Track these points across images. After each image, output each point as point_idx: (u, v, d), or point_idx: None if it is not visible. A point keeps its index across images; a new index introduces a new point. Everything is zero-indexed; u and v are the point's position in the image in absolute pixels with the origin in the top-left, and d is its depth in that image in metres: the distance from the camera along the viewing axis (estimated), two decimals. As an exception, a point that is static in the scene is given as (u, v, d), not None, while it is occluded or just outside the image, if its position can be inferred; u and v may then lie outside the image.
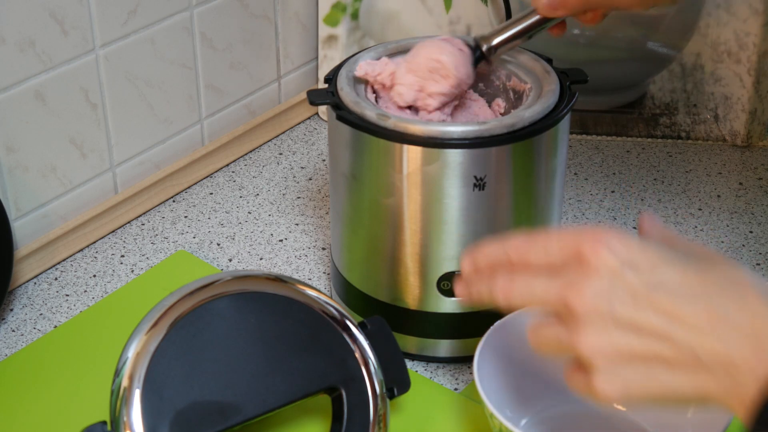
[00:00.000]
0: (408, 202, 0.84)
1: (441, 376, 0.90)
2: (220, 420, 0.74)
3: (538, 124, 0.82)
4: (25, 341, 0.94)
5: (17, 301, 0.99)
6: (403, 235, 0.85)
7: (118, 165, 1.09)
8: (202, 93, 1.16)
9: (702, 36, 1.20)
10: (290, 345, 0.78)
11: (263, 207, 1.13)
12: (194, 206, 1.13)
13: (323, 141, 1.25)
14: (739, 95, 1.21)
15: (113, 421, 0.73)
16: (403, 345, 0.89)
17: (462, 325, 0.89)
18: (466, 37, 0.88)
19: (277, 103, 1.27)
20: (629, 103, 1.25)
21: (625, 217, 1.11)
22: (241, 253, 1.05)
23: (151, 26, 1.06)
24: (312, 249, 1.06)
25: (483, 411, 0.85)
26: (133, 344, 0.75)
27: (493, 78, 0.92)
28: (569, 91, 0.86)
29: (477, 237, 0.85)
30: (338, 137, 0.86)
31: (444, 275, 0.86)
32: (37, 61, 0.96)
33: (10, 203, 0.98)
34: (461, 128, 0.81)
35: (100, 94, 1.04)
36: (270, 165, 1.21)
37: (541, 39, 0.88)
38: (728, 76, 1.21)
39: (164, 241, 1.07)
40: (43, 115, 0.99)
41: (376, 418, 0.79)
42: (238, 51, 1.18)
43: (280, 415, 0.82)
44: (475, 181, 0.82)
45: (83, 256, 1.05)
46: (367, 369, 0.80)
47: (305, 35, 1.27)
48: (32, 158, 0.99)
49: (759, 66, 1.19)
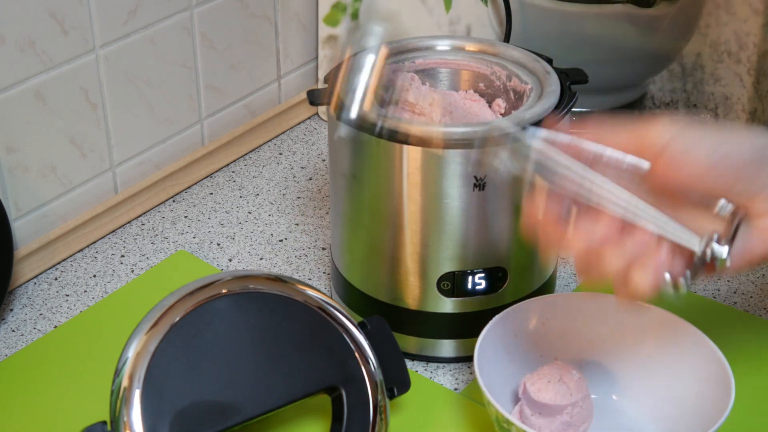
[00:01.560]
0: (408, 202, 0.84)
1: (441, 376, 0.90)
2: (220, 420, 0.74)
3: (539, 124, 0.82)
4: (25, 341, 0.94)
5: (17, 301, 0.99)
6: (403, 235, 0.85)
7: (118, 165, 1.08)
8: (202, 93, 1.16)
9: (702, 36, 1.20)
10: (290, 345, 0.78)
11: (263, 207, 1.13)
12: (194, 206, 1.13)
13: (323, 141, 1.25)
14: (739, 95, 1.21)
15: (113, 421, 0.73)
16: (403, 345, 0.89)
17: (462, 325, 0.89)
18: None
19: (277, 103, 1.27)
20: (629, 103, 1.25)
21: (625, 217, 1.11)
22: (241, 253, 1.05)
23: (151, 26, 1.06)
24: (312, 249, 1.06)
25: (483, 411, 0.85)
26: (133, 344, 0.75)
27: (493, 78, 0.92)
28: (569, 91, 0.86)
29: (477, 237, 0.85)
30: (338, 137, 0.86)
31: (444, 275, 0.86)
32: (37, 61, 0.96)
33: (10, 203, 0.98)
34: (461, 129, 0.81)
35: (100, 94, 1.04)
36: (270, 165, 1.21)
37: (541, 39, 0.88)
38: (728, 76, 1.21)
39: (164, 241, 1.07)
40: (43, 115, 0.99)
41: (376, 418, 0.79)
42: (238, 51, 1.18)
43: (280, 415, 0.82)
44: (475, 181, 0.82)
45: (83, 256, 1.05)
46: (367, 369, 0.80)
47: (305, 35, 1.27)
48: (32, 158, 0.99)
49: (759, 66, 1.19)
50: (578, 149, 0.66)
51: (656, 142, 0.63)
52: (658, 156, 0.64)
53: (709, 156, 0.62)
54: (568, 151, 0.66)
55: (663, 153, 0.63)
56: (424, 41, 0.94)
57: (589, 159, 0.66)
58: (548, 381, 0.80)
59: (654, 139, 0.63)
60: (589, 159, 0.66)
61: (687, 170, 0.63)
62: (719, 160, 0.62)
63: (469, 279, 0.86)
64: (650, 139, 0.64)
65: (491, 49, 0.93)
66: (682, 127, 0.63)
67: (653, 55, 1.22)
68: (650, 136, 0.64)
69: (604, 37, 1.21)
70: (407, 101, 0.87)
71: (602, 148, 0.65)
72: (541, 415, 0.79)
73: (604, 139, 0.65)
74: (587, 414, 0.81)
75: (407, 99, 0.87)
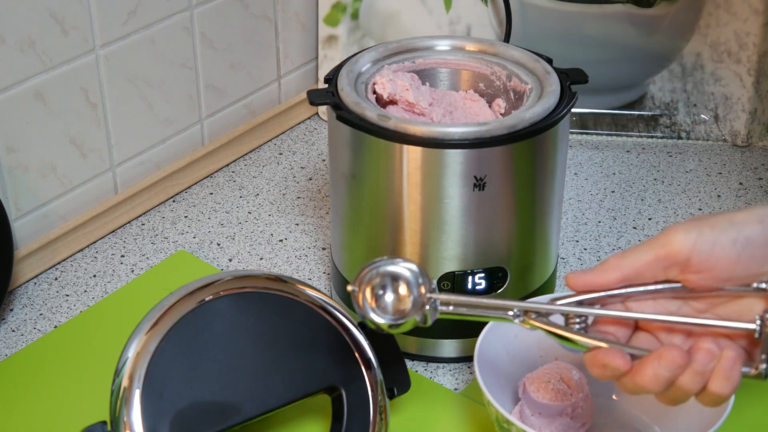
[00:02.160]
0: (408, 202, 0.84)
1: (441, 376, 0.90)
2: (220, 420, 0.74)
3: (539, 124, 0.82)
4: (25, 341, 0.94)
5: (17, 301, 0.99)
6: (403, 235, 0.85)
7: (118, 165, 1.08)
8: (202, 93, 1.16)
9: (702, 36, 1.20)
10: (290, 345, 0.78)
11: (263, 207, 1.13)
12: (194, 206, 1.13)
13: (323, 141, 1.25)
14: (739, 95, 1.21)
15: (113, 421, 0.73)
16: (403, 345, 0.89)
17: (462, 325, 0.88)
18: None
19: (277, 103, 1.27)
20: (629, 103, 1.25)
21: (625, 217, 1.11)
22: (241, 253, 1.05)
23: (151, 26, 1.06)
24: (312, 249, 1.06)
25: (483, 411, 0.85)
26: (133, 344, 0.75)
27: (493, 78, 0.92)
28: (569, 91, 0.86)
29: (477, 237, 0.85)
30: (338, 137, 0.86)
31: (444, 275, 0.86)
32: (37, 61, 0.96)
33: (10, 203, 0.98)
34: (462, 129, 0.81)
35: (100, 94, 1.04)
36: (270, 165, 1.21)
37: (542, 39, 0.88)
38: (728, 76, 1.21)
39: (164, 241, 1.07)
40: (43, 115, 0.99)
41: (376, 418, 0.79)
42: (238, 51, 1.18)
43: (280, 415, 0.82)
44: (475, 181, 0.82)
45: (83, 256, 1.05)
46: (367, 369, 0.80)
47: (305, 35, 1.27)
48: (32, 158, 0.99)
49: (759, 66, 1.19)
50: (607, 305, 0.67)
51: (679, 255, 0.64)
52: (685, 267, 0.64)
53: (733, 247, 0.63)
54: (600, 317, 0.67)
55: (689, 263, 0.64)
56: (424, 41, 0.94)
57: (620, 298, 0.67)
58: (548, 381, 0.80)
59: (677, 253, 0.64)
60: (621, 297, 0.67)
61: (718, 269, 0.64)
62: (743, 249, 0.63)
63: (469, 279, 0.86)
64: (673, 253, 0.64)
65: (491, 49, 0.93)
66: (698, 230, 0.64)
67: (653, 55, 1.22)
68: (672, 251, 0.64)
69: (604, 37, 1.21)
70: (407, 101, 0.87)
71: (634, 314, 0.66)
72: (541, 415, 0.79)
73: (626, 265, 0.65)
74: (587, 414, 0.81)
75: (407, 99, 0.87)
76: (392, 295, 0.67)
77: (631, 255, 0.65)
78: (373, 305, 0.67)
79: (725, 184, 1.17)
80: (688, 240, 0.64)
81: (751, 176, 1.18)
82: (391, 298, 0.67)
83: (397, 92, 0.87)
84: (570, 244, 1.06)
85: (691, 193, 1.15)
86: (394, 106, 0.88)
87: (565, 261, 1.04)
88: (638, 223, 1.10)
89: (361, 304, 0.67)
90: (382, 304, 0.67)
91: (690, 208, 1.12)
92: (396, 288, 0.67)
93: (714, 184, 1.17)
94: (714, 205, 1.13)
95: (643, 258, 0.65)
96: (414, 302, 0.67)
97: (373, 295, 0.67)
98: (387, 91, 0.87)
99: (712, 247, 0.63)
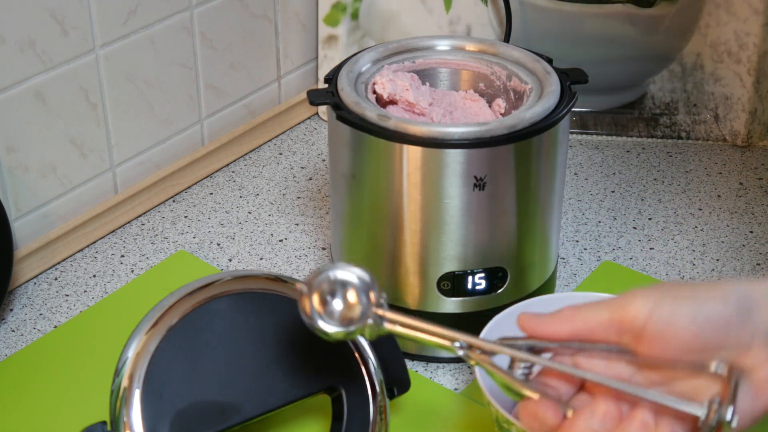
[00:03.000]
0: (408, 202, 0.84)
1: (441, 376, 0.90)
2: (220, 420, 0.74)
3: (539, 124, 0.82)
4: (25, 341, 0.94)
5: (17, 301, 0.99)
6: (403, 235, 0.85)
7: (118, 165, 1.09)
8: (202, 93, 1.16)
9: (702, 36, 1.20)
10: (290, 345, 0.78)
11: (263, 207, 1.13)
12: (194, 206, 1.13)
13: (323, 141, 1.25)
14: (739, 95, 1.21)
15: (113, 421, 0.73)
16: (403, 345, 0.89)
17: (462, 325, 0.88)
18: None
19: (277, 103, 1.27)
20: (629, 103, 1.25)
21: (625, 217, 1.11)
22: (241, 253, 1.05)
23: (151, 26, 1.06)
24: (312, 249, 1.06)
25: (483, 411, 0.85)
26: (133, 344, 0.75)
27: (493, 78, 0.92)
28: (569, 91, 0.86)
29: (477, 237, 0.85)
30: (338, 137, 0.86)
31: (444, 275, 0.86)
32: (37, 61, 0.96)
33: (10, 203, 0.98)
34: (462, 129, 0.81)
35: (100, 94, 1.04)
36: (270, 165, 1.21)
37: (542, 39, 0.88)
38: (728, 76, 1.21)
39: (164, 241, 1.07)
40: (43, 115, 0.99)
41: (376, 418, 0.79)
42: (238, 51, 1.18)
43: (280, 415, 0.82)
44: (475, 181, 0.82)
45: (83, 256, 1.05)
46: (367, 369, 0.80)
47: (305, 35, 1.27)
48: (32, 158, 0.99)
49: (759, 66, 1.19)
50: (558, 358, 0.64)
51: (635, 322, 0.60)
52: (639, 335, 0.60)
53: (691, 324, 0.59)
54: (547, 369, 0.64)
55: (644, 332, 0.60)
56: (424, 41, 0.94)
57: (572, 350, 0.64)
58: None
59: (632, 319, 0.60)
60: (573, 350, 0.63)
61: (673, 343, 0.60)
62: (702, 325, 0.59)
63: (469, 279, 0.86)
64: (628, 319, 0.60)
65: (491, 49, 0.93)
66: (657, 299, 0.60)
67: (653, 55, 1.23)
68: (628, 316, 0.60)
69: (604, 37, 1.21)
70: (407, 101, 0.88)
71: (582, 372, 0.63)
72: (541, 415, 0.79)
73: (580, 320, 0.62)
74: None
75: (407, 99, 0.87)
76: (341, 302, 0.65)
77: (587, 311, 0.62)
78: (321, 310, 0.66)
79: (725, 184, 1.17)
80: (644, 308, 0.60)
81: (751, 176, 1.18)
82: (341, 305, 0.65)
83: (397, 92, 0.87)
84: (570, 244, 1.06)
85: (691, 193, 1.15)
86: (394, 106, 0.88)
87: (565, 261, 1.04)
88: (638, 223, 1.10)
89: (309, 309, 0.66)
90: (329, 310, 0.66)
91: (690, 208, 1.12)
92: (345, 295, 0.66)
93: (714, 184, 1.17)
94: (714, 205, 1.13)
95: (597, 317, 0.62)
96: (362, 313, 0.65)
97: (321, 300, 0.66)
98: (387, 91, 0.87)
99: (669, 319, 0.60)
